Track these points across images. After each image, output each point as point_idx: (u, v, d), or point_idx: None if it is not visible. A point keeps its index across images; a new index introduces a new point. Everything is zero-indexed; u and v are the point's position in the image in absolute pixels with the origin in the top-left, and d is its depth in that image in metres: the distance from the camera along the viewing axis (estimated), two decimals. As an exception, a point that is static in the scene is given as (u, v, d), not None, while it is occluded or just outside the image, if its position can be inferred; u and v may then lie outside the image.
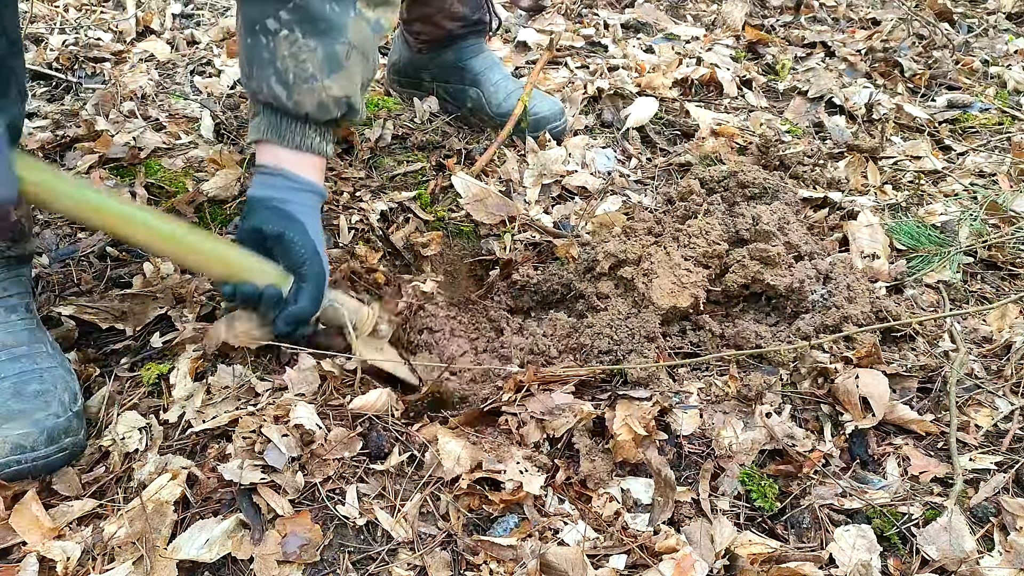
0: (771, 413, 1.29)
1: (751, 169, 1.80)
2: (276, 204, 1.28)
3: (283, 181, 1.30)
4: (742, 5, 2.93)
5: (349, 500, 1.14)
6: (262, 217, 1.28)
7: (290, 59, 1.23)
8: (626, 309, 1.46)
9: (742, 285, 1.53)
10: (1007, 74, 2.55)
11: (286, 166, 1.30)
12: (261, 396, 1.29)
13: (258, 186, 1.31)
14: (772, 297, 1.54)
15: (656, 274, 1.48)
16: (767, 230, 1.57)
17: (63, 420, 1.19)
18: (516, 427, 1.26)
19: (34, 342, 1.27)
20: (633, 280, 1.49)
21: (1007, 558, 1.09)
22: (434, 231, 1.75)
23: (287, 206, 1.28)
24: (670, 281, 1.47)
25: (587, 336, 1.43)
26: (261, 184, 1.31)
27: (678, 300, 1.46)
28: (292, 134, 1.29)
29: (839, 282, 1.52)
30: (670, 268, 1.49)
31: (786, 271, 1.52)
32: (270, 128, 1.29)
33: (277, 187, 1.30)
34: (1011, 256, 1.70)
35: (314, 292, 1.27)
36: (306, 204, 1.30)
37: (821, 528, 1.14)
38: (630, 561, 1.08)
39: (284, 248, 1.26)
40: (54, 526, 1.10)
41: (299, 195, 1.30)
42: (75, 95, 2.20)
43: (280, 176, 1.30)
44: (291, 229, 1.26)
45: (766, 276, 1.50)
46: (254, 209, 1.29)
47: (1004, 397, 1.36)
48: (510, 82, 2.09)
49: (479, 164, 1.90)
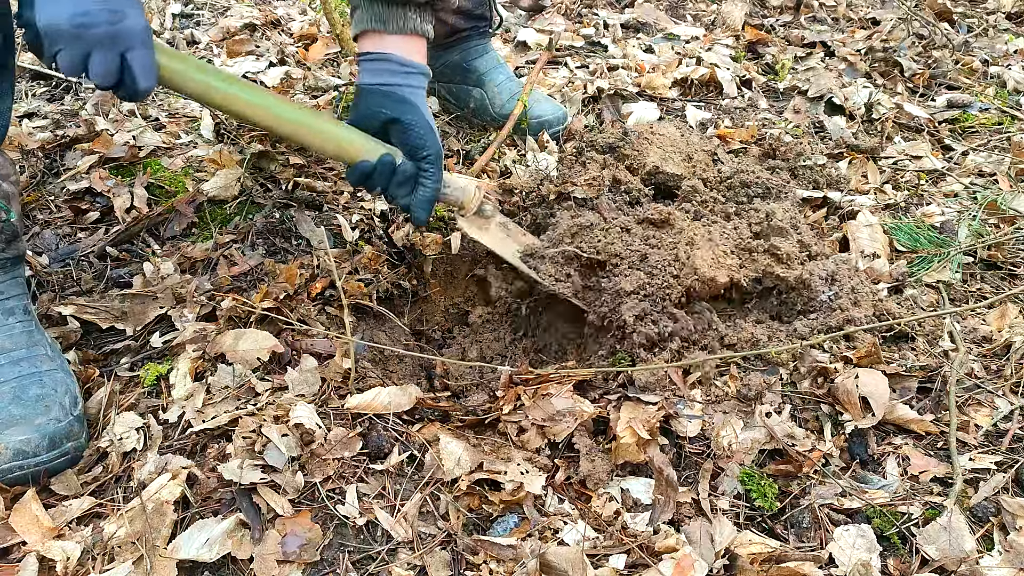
0: (771, 413, 1.29)
1: (754, 168, 1.80)
2: (389, 89, 1.32)
3: (392, 65, 1.33)
4: (742, 5, 2.93)
5: (349, 500, 1.14)
6: (377, 102, 1.31)
7: None
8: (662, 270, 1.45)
9: (755, 280, 1.51)
10: (1007, 74, 2.55)
11: (392, 50, 1.33)
12: (261, 396, 1.29)
13: (367, 73, 1.35)
14: (783, 292, 1.52)
15: (698, 246, 1.47)
16: (780, 226, 1.57)
17: (64, 424, 1.19)
18: (516, 434, 1.26)
19: (33, 345, 1.27)
20: (676, 246, 1.47)
21: (1007, 558, 1.09)
22: (434, 231, 1.75)
23: (400, 90, 1.32)
24: (711, 255, 1.45)
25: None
26: (370, 71, 1.34)
27: (718, 275, 1.44)
28: (395, 18, 1.32)
29: (844, 283, 1.51)
30: (710, 246, 1.48)
31: (798, 266, 1.51)
32: (373, 17, 1.33)
33: (386, 72, 1.33)
34: (1011, 256, 1.70)
35: (438, 172, 1.31)
36: (415, 86, 1.34)
37: (821, 528, 1.14)
38: (630, 561, 1.08)
39: (402, 131, 1.30)
40: (54, 526, 1.10)
41: (408, 78, 1.34)
42: (75, 95, 2.20)
43: (388, 60, 1.33)
44: (407, 112, 1.30)
45: (777, 270, 1.49)
46: (368, 95, 1.33)
47: (1004, 397, 1.36)
48: (514, 83, 2.09)
49: (479, 163, 1.90)
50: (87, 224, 1.70)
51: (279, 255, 1.62)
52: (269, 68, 2.34)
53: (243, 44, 2.49)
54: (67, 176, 1.81)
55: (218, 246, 1.62)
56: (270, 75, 2.29)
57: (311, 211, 1.74)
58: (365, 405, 1.27)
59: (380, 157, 1.28)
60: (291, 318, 1.42)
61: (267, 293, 1.45)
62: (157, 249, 1.63)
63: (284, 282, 1.48)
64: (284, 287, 1.47)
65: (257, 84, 1.28)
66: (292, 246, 1.65)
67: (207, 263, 1.58)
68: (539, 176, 1.87)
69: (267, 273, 1.53)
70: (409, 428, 1.26)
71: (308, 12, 2.85)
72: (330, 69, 2.41)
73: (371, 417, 1.26)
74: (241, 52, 2.44)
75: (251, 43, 2.52)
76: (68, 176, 1.81)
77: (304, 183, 1.79)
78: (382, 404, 1.28)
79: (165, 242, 1.66)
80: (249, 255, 1.60)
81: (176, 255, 1.59)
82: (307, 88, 2.24)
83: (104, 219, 1.72)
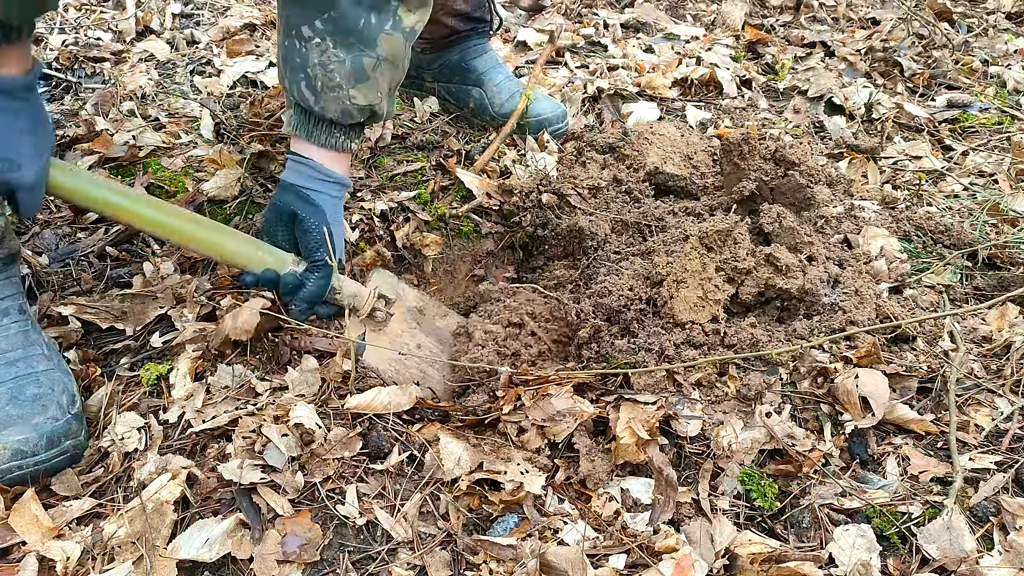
0: (771, 413, 1.29)
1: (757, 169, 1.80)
2: (302, 190, 1.39)
3: (310, 171, 1.40)
4: (742, 5, 2.93)
5: (349, 500, 1.14)
6: (289, 199, 1.38)
7: (319, 67, 1.31)
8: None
9: (757, 294, 1.50)
10: (1007, 74, 2.55)
11: (314, 158, 1.40)
12: (261, 396, 1.29)
13: (289, 171, 1.42)
14: (786, 300, 1.51)
15: (687, 284, 1.45)
16: (791, 226, 1.56)
17: (62, 423, 1.19)
18: (516, 434, 1.26)
19: (29, 345, 1.27)
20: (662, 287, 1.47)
21: (1007, 557, 1.09)
22: (434, 232, 1.75)
23: (312, 195, 1.38)
24: (696, 295, 1.45)
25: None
26: (291, 169, 1.42)
27: (698, 316, 1.44)
28: (319, 133, 1.39)
29: (847, 285, 1.51)
30: (700, 282, 1.46)
31: (799, 275, 1.49)
32: (300, 125, 1.40)
33: (304, 176, 1.40)
34: (1010, 256, 1.70)
35: (324, 279, 1.34)
36: (330, 194, 1.41)
37: (821, 528, 1.14)
38: (630, 561, 1.08)
39: (302, 231, 1.36)
40: (54, 526, 1.10)
41: (325, 185, 1.40)
42: (75, 95, 2.19)
43: (308, 166, 1.40)
44: (312, 215, 1.36)
45: (778, 281, 1.48)
46: (284, 191, 1.40)
47: (1004, 397, 1.36)
48: (513, 83, 2.09)
49: (480, 163, 1.90)
50: (87, 224, 1.70)
51: (279, 255, 1.62)
52: (269, 68, 2.34)
53: (243, 44, 2.48)
54: (67, 176, 1.81)
55: (218, 246, 1.62)
56: (270, 75, 2.29)
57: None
58: (365, 405, 1.27)
59: (263, 272, 1.32)
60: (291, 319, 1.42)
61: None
62: (157, 249, 1.63)
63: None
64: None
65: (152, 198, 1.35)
66: (292, 246, 1.65)
67: (207, 263, 1.58)
68: (539, 176, 1.87)
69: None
70: (409, 428, 1.26)
71: (308, 12, 2.84)
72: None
73: (371, 417, 1.26)
74: (241, 52, 2.44)
75: (251, 43, 2.51)
76: (68, 176, 1.81)
77: (304, 183, 1.79)
78: (382, 404, 1.28)
79: (165, 242, 1.66)
80: (249, 255, 1.60)
81: (176, 255, 1.59)
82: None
83: (104, 219, 1.71)
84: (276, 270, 1.33)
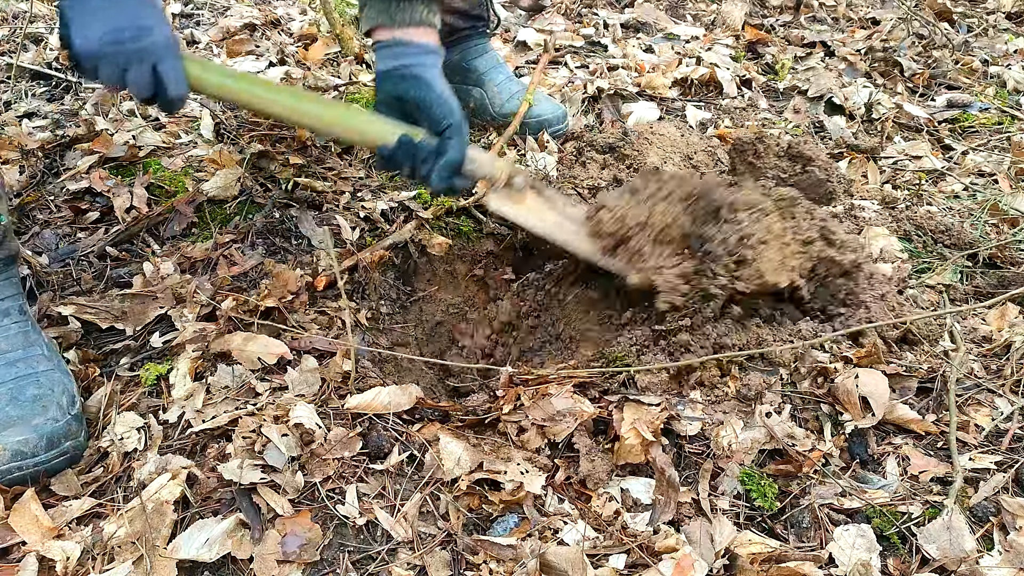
0: (771, 413, 1.29)
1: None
2: (404, 70, 1.35)
3: (403, 49, 1.37)
4: (742, 5, 2.93)
5: (349, 500, 1.14)
6: (392, 84, 1.35)
7: None
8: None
9: (810, 269, 1.44)
10: (1007, 74, 2.55)
11: (403, 37, 1.37)
12: (261, 396, 1.29)
13: (383, 59, 1.38)
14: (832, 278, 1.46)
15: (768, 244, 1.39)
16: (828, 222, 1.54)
17: (62, 424, 1.19)
18: (516, 434, 1.26)
19: (29, 345, 1.27)
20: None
21: (1007, 557, 1.09)
22: (435, 232, 1.75)
23: (411, 69, 1.35)
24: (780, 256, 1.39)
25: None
26: (384, 56, 1.38)
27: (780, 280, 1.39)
28: (401, 13, 1.36)
29: (877, 288, 1.50)
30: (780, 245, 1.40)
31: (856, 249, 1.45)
32: (380, 13, 1.37)
33: (399, 55, 1.36)
34: (1010, 256, 1.70)
35: (459, 141, 1.31)
36: (429, 64, 1.37)
37: (821, 528, 1.14)
38: (630, 561, 1.08)
39: (424, 107, 1.32)
40: (53, 526, 1.10)
41: (419, 57, 1.37)
42: (75, 95, 2.20)
43: (398, 44, 1.37)
44: (420, 89, 1.32)
45: (831, 252, 1.43)
46: (384, 80, 1.37)
47: (1004, 397, 1.36)
48: (513, 83, 2.09)
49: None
50: (87, 224, 1.70)
51: (279, 255, 1.62)
52: (269, 68, 2.34)
53: (243, 44, 2.49)
54: (67, 176, 1.81)
55: (218, 246, 1.62)
56: (270, 75, 2.29)
57: (312, 211, 1.74)
58: (365, 405, 1.27)
59: (399, 138, 1.29)
60: (291, 320, 1.42)
61: (268, 294, 1.45)
62: (157, 249, 1.63)
63: (283, 285, 1.48)
64: (283, 291, 1.47)
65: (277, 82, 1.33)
66: (292, 246, 1.65)
67: (207, 263, 1.58)
68: (539, 176, 1.87)
69: (267, 273, 1.53)
70: (409, 428, 1.26)
71: (308, 12, 2.85)
72: (330, 69, 2.41)
73: (371, 417, 1.26)
74: (241, 52, 2.44)
75: (251, 43, 2.52)
76: (68, 176, 1.81)
77: (304, 183, 1.79)
78: (382, 404, 1.28)
79: (165, 242, 1.66)
80: (249, 255, 1.60)
81: (176, 255, 1.59)
82: (307, 88, 2.24)
83: (104, 219, 1.72)
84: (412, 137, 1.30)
